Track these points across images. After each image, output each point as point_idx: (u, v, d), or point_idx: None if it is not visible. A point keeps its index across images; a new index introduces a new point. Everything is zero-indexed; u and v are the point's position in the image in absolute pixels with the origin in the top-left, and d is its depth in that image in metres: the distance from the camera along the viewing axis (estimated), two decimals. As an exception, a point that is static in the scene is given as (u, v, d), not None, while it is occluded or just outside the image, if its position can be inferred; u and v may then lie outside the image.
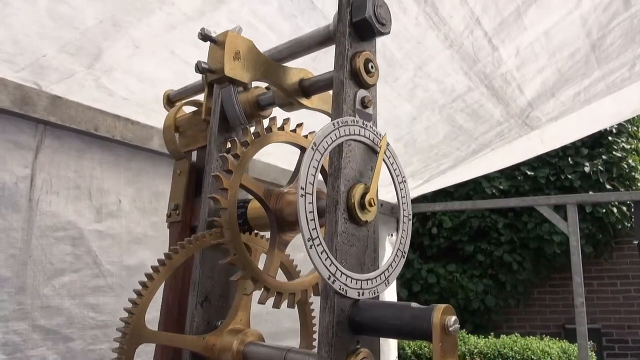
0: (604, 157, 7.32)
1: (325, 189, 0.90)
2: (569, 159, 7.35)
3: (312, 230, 0.73)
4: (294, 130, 1.04)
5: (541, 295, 7.97)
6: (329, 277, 0.74)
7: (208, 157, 1.05)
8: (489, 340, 5.92)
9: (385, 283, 0.81)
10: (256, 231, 1.07)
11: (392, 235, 3.60)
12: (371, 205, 0.80)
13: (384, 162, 0.85)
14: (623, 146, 7.50)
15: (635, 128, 7.88)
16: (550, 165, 7.44)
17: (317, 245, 0.73)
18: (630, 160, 7.44)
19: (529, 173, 7.41)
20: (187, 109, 1.33)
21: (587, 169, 7.17)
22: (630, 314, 7.48)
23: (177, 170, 1.19)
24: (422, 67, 2.05)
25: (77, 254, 1.61)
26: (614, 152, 7.36)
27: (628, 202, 7.03)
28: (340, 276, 0.75)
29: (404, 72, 2.04)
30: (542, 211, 3.65)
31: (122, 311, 1.66)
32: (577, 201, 3.44)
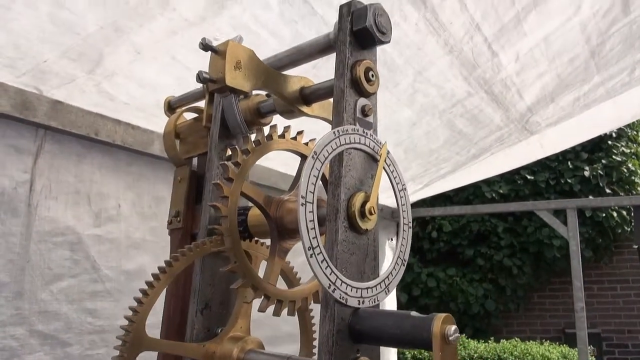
0: (603, 161, 7.33)
1: (325, 196, 0.90)
2: (569, 163, 7.36)
3: (313, 239, 0.73)
4: (294, 138, 1.04)
5: (541, 299, 7.97)
6: (329, 286, 0.74)
7: (209, 164, 1.06)
8: (489, 344, 5.91)
9: (386, 291, 0.81)
10: (256, 238, 1.07)
11: (392, 239, 3.60)
12: (371, 213, 0.81)
13: (384, 170, 0.85)
14: (623, 150, 7.51)
15: (635, 132, 7.89)
16: (550, 170, 7.45)
17: (318, 254, 0.74)
18: (630, 165, 7.45)
19: (528, 177, 7.42)
20: (188, 115, 1.34)
21: (587, 173, 7.17)
22: (630, 318, 7.48)
23: (177, 176, 1.20)
24: (422, 73, 2.06)
25: (76, 259, 1.61)
26: (613, 156, 7.37)
27: (628, 206, 7.03)
28: (341, 285, 0.75)
29: (404, 77, 2.05)
30: (542, 216, 3.65)
31: (120, 316, 1.66)
32: (577, 206, 3.44)
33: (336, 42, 0.89)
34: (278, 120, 1.09)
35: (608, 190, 7.16)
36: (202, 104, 1.25)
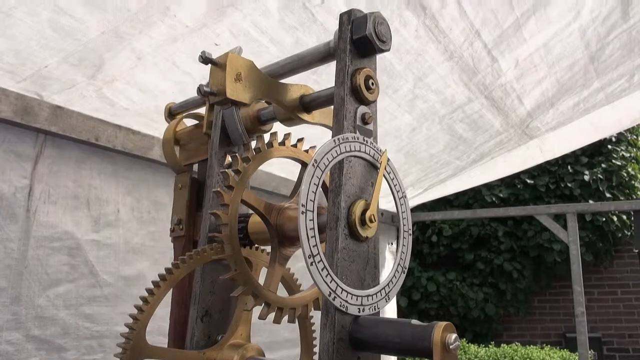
0: (603, 165, 7.34)
1: (325, 203, 0.90)
2: (569, 167, 7.37)
3: (313, 247, 0.73)
4: (294, 145, 1.05)
5: (541, 303, 7.96)
6: (329, 294, 0.74)
7: (209, 171, 1.06)
8: (489, 349, 5.90)
9: (386, 299, 0.81)
10: (257, 245, 1.07)
11: (392, 243, 3.60)
12: (372, 221, 0.81)
13: (384, 177, 0.85)
14: (623, 154, 7.52)
15: (635, 137, 7.90)
16: (550, 174, 7.45)
17: (318, 262, 0.74)
18: (629, 169, 7.45)
19: (528, 181, 7.42)
20: (188, 121, 1.34)
21: (586, 178, 7.18)
22: (630, 322, 7.46)
23: (178, 184, 1.20)
24: (422, 79, 2.06)
25: (74, 264, 1.61)
26: (613, 161, 7.38)
27: (628, 210, 7.03)
28: (341, 293, 0.75)
29: (404, 83, 2.05)
30: (542, 220, 3.65)
31: (118, 321, 1.67)
32: (577, 210, 3.44)
33: (336, 50, 0.90)
34: (279, 128, 1.09)
35: (608, 195, 7.16)
36: (202, 110, 1.25)
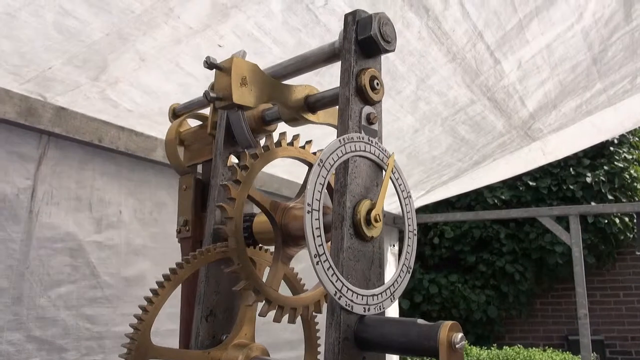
0: (605, 167, 7.32)
1: (330, 203, 0.90)
2: (571, 169, 7.36)
3: (319, 247, 0.74)
4: (302, 147, 1.05)
5: (544, 306, 7.94)
6: (335, 293, 0.74)
7: (214, 171, 1.06)
8: (492, 351, 5.89)
9: (391, 299, 0.81)
10: (261, 245, 1.07)
11: (394, 245, 3.59)
12: (377, 221, 0.81)
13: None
14: (625, 157, 7.51)
15: (637, 139, 7.88)
16: (552, 176, 7.44)
17: (324, 262, 0.74)
18: (632, 171, 7.44)
19: (530, 183, 7.41)
20: (192, 122, 1.34)
21: (589, 180, 7.17)
22: (633, 325, 7.44)
23: (182, 185, 1.19)
24: (424, 80, 2.07)
25: (75, 265, 1.61)
26: (615, 163, 7.36)
27: (630, 212, 7.01)
28: (347, 292, 0.75)
29: (407, 85, 2.05)
30: (544, 222, 3.64)
31: (118, 322, 1.67)
32: (579, 212, 3.43)
33: (341, 50, 0.90)
34: (287, 129, 1.09)
35: (610, 197, 7.15)
36: (206, 111, 1.25)
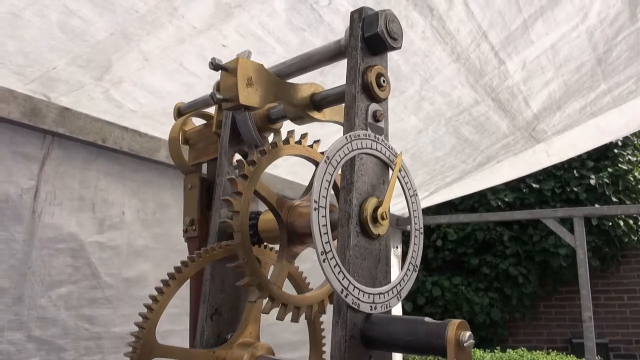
0: (609, 169, 7.30)
1: (336, 202, 0.90)
2: (575, 171, 7.33)
3: (326, 244, 0.73)
4: (310, 146, 1.05)
5: (547, 309, 7.91)
6: (341, 291, 0.73)
7: (219, 170, 1.05)
8: (495, 354, 5.87)
9: (398, 297, 0.81)
10: (266, 243, 1.07)
11: (397, 247, 3.58)
12: (383, 218, 0.80)
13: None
14: (629, 159, 7.48)
15: (641, 141, 7.87)
16: (556, 178, 7.42)
17: (331, 259, 0.73)
18: (636, 173, 7.41)
19: (534, 185, 7.39)
20: (197, 121, 1.34)
21: (592, 182, 7.15)
22: (638, 328, 7.40)
23: (187, 184, 1.19)
24: (428, 81, 2.06)
25: (76, 265, 1.61)
26: (619, 165, 7.34)
27: (635, 215, 6.99)
28: (353, 290, 0.75)
29: (410, 85, 2.05)
30: (548, 224, 3.63)
31: (117, 323, 1.67)
32: (583, 214, 3.41)
33: (347, 48, 0.90)
34: (294, 127, 1.09)
35: (614, 199, 7.12)
36: (211, 110, 1.25)
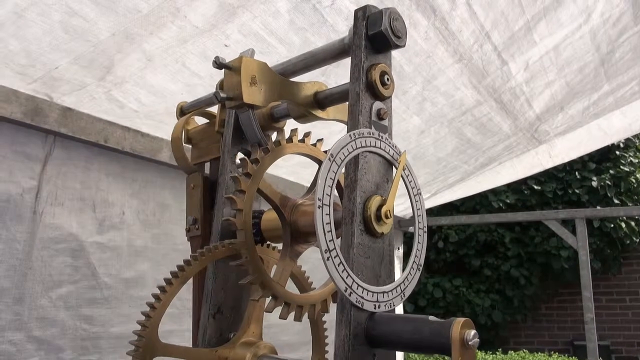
0: (611, 171, 7.29)
1: (339, 202, 0.89)
2: (576, 173, 7.33)
3: (330, 242, 0.73)
4: (314, 145, 1.04)
5: (549, 310, 7.89)
6: (345, 289, 0.73)
7: (222, 169, 1.05)
8: (497, 356, 5.86)
9: (402, 296, 0.80)
10: (269, 242, 1.06)
11: (398, 248, 3.58)
12: (387, 217, 0.80)
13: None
14: (631, 160, 7.48)
15: (643, 142, 7.85)
16: (558, 180, 7.41)
17: (334, 257, 0.73)
18: (638, 175, 7.40)
19: (536, 187, 7.38)
20: (199, 120, 1.33)
21: (594, 184, 7.14)
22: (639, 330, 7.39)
23: (190, 183, 1.19)
24: (431, 81, 2.06)
25: (76, 265, 1.61)
26: (621, 167, 7.33)
27: (637, 217, 6.98)
28: (357, 288, 0.74)
29: (413, 85, 2.04)
30: (550, 225, 3.62)
31: (115, 323, 1.67)
32: (586, 216, 3.41)
33: (351, 46, 0.89)
34: (297, 126, 1.09)
35: (616, 201, 7.11)
36: (214, 109, 1.24)
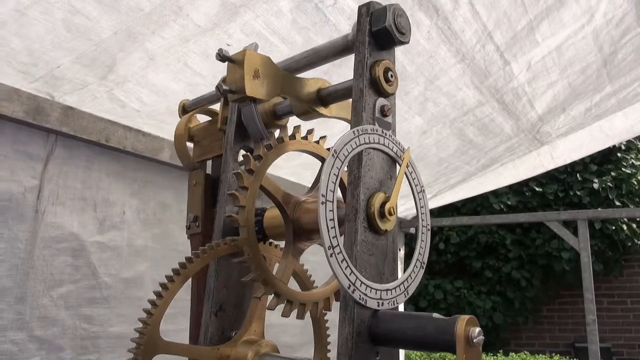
0: (613, 173, 7.29)
1: (342, 199, 0.89)
2: (578, 175, 7.32)
3: (333, 239, 0.72)
4: (317, 142, 1.04)
5: (550, 312, 7.88)
6: (348, 286, 0.72)
7: (224, 167, 1.05)
8: (498, 358, 5.85)
9: (405, 294, 0.80)
10: (271, 240, 1.06)
11: (399, 249, 3.57)
12: (391, 214, 0.79)
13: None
14: (632, 162, 7.47)
15: (645, 145, 7.85)
16: (559, 182, 7.41)
17: (338, 254, 0.72)
18: (639, 177, 7.40)
19: (537, 189, 7.38)
20: (202, 117, 1.33)
21: (596, 186, 7.13)
22: (641, 333, 7.38)
23: (192, 180, 1.18)
24: (433, 81, 2.05)
25: (77, 265, 1.61)
26: (623, 169, 7.33)
27: (638, 218, 6.97)
28: (360, 285, 0.74)
29: (415, 85, 2.04)
30: (552, 227, 3.62)
31: (114, 323, 1.68)
32: (587, 217, 3.40)
33: (354, 42, 0.89)
34: (300, 123, 1.08)
35: (617, 203, 7.11)
36: (216, 106, 1.24)
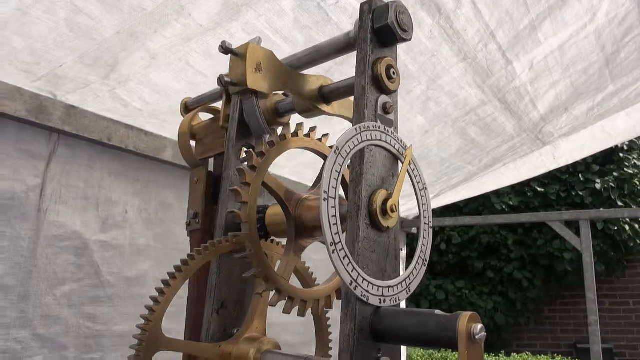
0: (615, 173, 7.27)
1: (344, 196, 0.89)
2: (580, 175, 7.31)
3: (335, 235, 0.72)
4: (319, 139, 1.04)
5: (552, 313, 7.87)
6: (350, 283, 0.72)
7: (226, 164, 1.05)
8: (499, 359, 5.84)
9: (407, 291, 0.80)
10: (273, 238, 1.06)
11: (401, 249, 3.57)
12: (393, 211, 0.79)
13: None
14: (635, 163, 7.46)
15: (647, 145, 7.83)
16: (561, 182, 7.40)
17: (340, 250, 0.72)
18: (641, 177, 7.39)
19: (539, 189, 7.37)
20: (203, 116, 1.33)
21: (598, 186, 7.12)
22: (643, 334, 7.36)
23: (194, 178, 1.19)
24: (435, 80, 2.05)
25: (80, 264, 1.62)
26: (625, 169, 7.31)
27: (640, 219, 6.95)
28: (362, 282, 0.74)
29: (417, 85, 2.04)
30: (554, 227, 3.61)
31: (117, 321, 1.68)
32: (590, 217, 3.39)
33: (357, 40, 0.89)
34: (305, 120, 1.08)
35: (620, 203, 7.09)
36: (218, 104, 1.24)
